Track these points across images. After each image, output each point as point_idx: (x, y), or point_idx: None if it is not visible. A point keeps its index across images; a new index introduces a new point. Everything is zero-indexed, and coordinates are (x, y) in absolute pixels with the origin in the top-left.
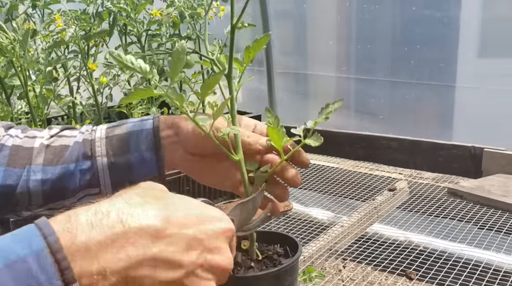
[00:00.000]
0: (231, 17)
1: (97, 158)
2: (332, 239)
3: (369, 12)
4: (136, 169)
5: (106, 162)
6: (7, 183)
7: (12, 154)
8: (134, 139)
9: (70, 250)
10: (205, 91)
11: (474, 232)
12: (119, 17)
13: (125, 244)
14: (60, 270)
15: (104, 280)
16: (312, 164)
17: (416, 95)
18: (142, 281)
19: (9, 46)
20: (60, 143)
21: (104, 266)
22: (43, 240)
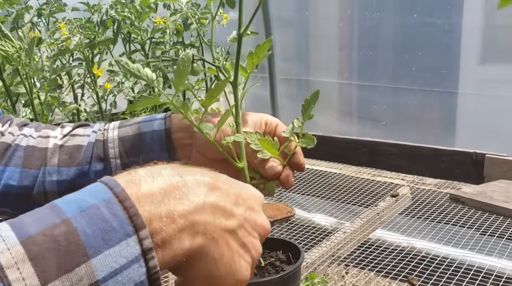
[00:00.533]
0: (239, 26)
1: (110, 160)
2: (335, 245)
3: (371, 19)
4: None
5: (120, 163)
6: (24, 184)
7: (27, 155)
8: (147, 140)
9: (137, 197)
10: (210, 99)
11: (476, 237)
12: (123, 25)
13: (186, 192)
14: (129, 216)
15: (173, 223)
16: (314, 170)
17: (418, 101)
18: (205, 227)
19: (15, 54)
20: (73, 142)
21: (171, 209)
22: (110, 191)
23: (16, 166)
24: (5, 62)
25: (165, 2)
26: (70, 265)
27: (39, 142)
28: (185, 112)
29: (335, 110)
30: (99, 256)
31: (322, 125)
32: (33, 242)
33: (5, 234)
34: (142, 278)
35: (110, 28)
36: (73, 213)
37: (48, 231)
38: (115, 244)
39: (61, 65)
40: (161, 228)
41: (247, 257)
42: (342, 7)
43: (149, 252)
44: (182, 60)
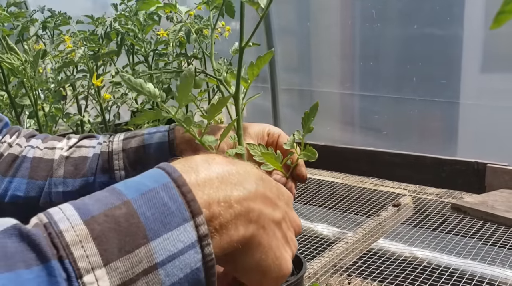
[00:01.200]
0: (240, 40)
1: (115, 171)
2: (337, 255)
3: (372, 30)
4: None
5: (124, 175)
6: (30, 195)
7: (34, 166)
8: (151, 152)
9: (196, 182)
10: (212, 113)
11: (478, 247)
12: (127, 37)
13: (241, 179)
14: (187, 201)
15: (230, 208)
16: (317, 179)
17: (420, 111)
18: (259, 215)
19: (21, 67)
20: (79, 154)
21: (228, 194)
22: (168, 176)
23: (23, 177)
24: (10, 74)
25: (167, 15)
26: (131, 246)
27: (45, 153)
28: (188, 126)
29: (337, 120)
30: (158, 239)
31: (324, 135)
32: (96, 222)
33: (69, 213)
34: (198, 265)
35: (113, 40)
36: (133, 195)
37: (109, 211)
38: (173, 228)
39: (65, 77)
40: (219, 213)
41: (289, 250)
42: (343, 18)
43: (205, 239)
44: (185, 76)
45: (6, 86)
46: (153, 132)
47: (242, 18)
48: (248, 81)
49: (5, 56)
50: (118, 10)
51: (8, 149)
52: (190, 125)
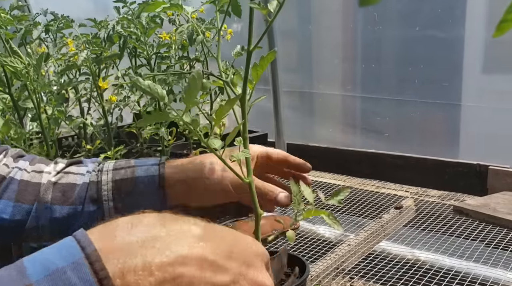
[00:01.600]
0: (248, 43)
1: (104, 202)
2: (339, 258)
3: (374, 33)
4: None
5: (113, 206)
6: (16, 218)
7: (21, 189)
8: (141, 186)
9: (110, 250)
10: (219, 115)
11: (481, 249)
12: (129, 40)
13: (169, 242)
14: (99, 280)
15: (150, 275)
16: (318, 182)
17: (421, 113)
18: (191, 281)
19: (24, 70)
20: (67, 180)
21: (149, 260)
22: (82, 251)
23: (9, 200)
24: (13, 78)
25: (170, 18)
26: None
27: (32, 177)
28: (195, 128)
29: (338, 123)
30: None
31: (326, 137)
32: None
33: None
34: None
35: (116, 43)
36: (38, 277)
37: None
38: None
39: (68, 80)
40: (136, 282)
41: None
42: (345, 20)
43: None
44: (193, 78)
45: (9, 89)
46: (143, 164)
47: (251, 22)
48: (253, 83)
49: (8, 60)
50: (121, 13)
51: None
52: (197, 127)
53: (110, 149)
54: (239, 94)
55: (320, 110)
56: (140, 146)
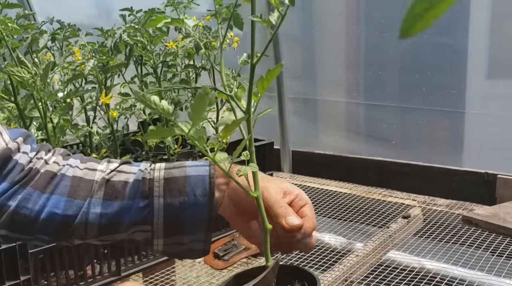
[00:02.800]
0: (251, 56)
1: (154, 198)
2: (348, 269)
3: (380, 40)
4: (189, 210)
5: (163, 202)
6: (68, 213)
7: (74, 185)
8: (191, 184)
9: None
10: (226, 133)
11: (493, 260)
12: (136, 49)
13: None
14: None
15: None
16: (324, 190)
17: (428, 121)
18: None
19: (30, 80)
20: (119, 178)
21: None
22: None
23: (61, 195)
24: (19, 86)
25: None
26: None
27: (85, 174)
28: (201, 144)
29: (344, 130)
30: None
31: (331, 145)
32: None
33: None
34: None
35: (122, 51)
36: None
37: None
38: None
39: (74, 89)
40: None
41: None
42: (350, 27)
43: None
44: (200, 95)
45: (15, 98)
46: (195, 165)
47: (253, 36)
48: (259, 95)
49: (15, 69)
50: (127, 21)
51: (44, 166)
52: (203, 143)
53: (116, 157)
54: (245, 115)
55: (325, 117)
56: (145, 154)
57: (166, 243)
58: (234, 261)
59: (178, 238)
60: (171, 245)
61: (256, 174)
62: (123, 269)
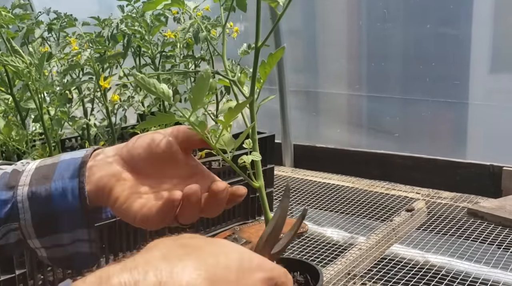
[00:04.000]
0: (256, 39)
1: (18, 187)
2: (351, 262)
3: (383, 30)
4: (56, 199)
5: (27, 191)
6: None
7: None
8: (61, 169)
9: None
10: (228, 119)
11: (499, 254)
12: (134, 39)
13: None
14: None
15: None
16: (326, 183)
17: (432, 113)
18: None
19: (26, 70)
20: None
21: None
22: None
23: None
24: (15, 77)
25: (175, 16)
26: None
27: None
28: (202, 130)
29: (347, 123)
30: None
31: (334, 138)
32: None
33: None
34: None
35: (120, 42)
36: None
37: None
38: None
39: (71, 79)
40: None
41: None
42: (352, 18)
43: None
44: (202, 77)
45: (11, 90)
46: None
47: (258, 17)
48: (261, 81)
49: (10, 59)
50: (125, 12)
51: None
52: (204, 129)
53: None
54: (249, 97)
55: (327, 110)
56: None
57: (44, 245)
58: None
59: (56, 238)
60: (52, 248)
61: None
62: None
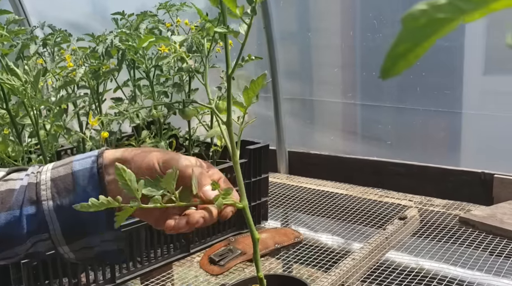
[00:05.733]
0: (227, 67)
1: (42, 202)
2: (344, 273)
3: (374, 41)
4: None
5: (52, 205)
6: None
7: None
8: (79, 179)
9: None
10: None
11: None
12: (128, 53)
13: None
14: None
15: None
16: (320, 190)
17: (424, 121)
18: None
19: (21, 88)
20: (6, 187)
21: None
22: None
23: None
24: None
25: (169, 28)
26: None
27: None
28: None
29: (339, 130)
30: None
31: (327, 145)
32: None
33: None
34: None
35: (114, 56)
36: None
37: None
38: None
39: (66, 95)
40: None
41: None
42: (344, 27)
43: None
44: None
45: (6, 105)
46: (83, 158)
47: (227, 47)
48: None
49: (5, 77)
50: (119, 25)
51: None
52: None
53: None
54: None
55: (321, 118)
56: None
57: (73, 249)
58: (230, 266)
59: (85, 242)
60: (81, 251)
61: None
62: (118, 276)
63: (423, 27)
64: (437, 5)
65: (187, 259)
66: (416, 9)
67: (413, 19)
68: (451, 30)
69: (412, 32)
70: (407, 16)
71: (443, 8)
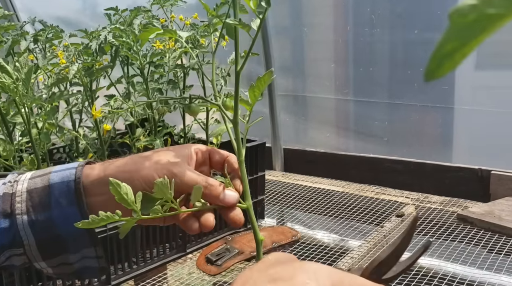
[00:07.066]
0: (236, 64)
1: (17, 216)
2: None
3: (371, 36)
4: (60, 225)
5: (27, 219)
6: None
7: None
8: (55, 193)
9: None
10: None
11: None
12: (121, 50)
13: None
14: None
15: None
16: (316, 188)
17: (421, 117)
18: None
19: (12, 85)
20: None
21: None
22: None
23: None
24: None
25: (163, 23)
26: None
27: None
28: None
29: (335, 127)
30: None
31: (323, 142)
32: None
33: None
34: None
35: (108, 52)
36: None
37: None
38: None
39: (58, 92)
40: None
41: None
42: (340, 23)
43: None
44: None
45: None
46: (62, 170)
47: (237, 42)
48: (251, 104)
49: None
50: (112, 21)
51: None
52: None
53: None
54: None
55: (316, 114)
56: None
57: (51, 265)
58: (228, 266)
59: (62, 258)
60: (59, 266)
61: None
62: (113, 277)
63: (472, 24)
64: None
65: (183, 259)
66: (465, 4)
67: (461, 16)
68: (501, 27)
69: (460, 30)
70: (454, 12)
71: (495, 2)
